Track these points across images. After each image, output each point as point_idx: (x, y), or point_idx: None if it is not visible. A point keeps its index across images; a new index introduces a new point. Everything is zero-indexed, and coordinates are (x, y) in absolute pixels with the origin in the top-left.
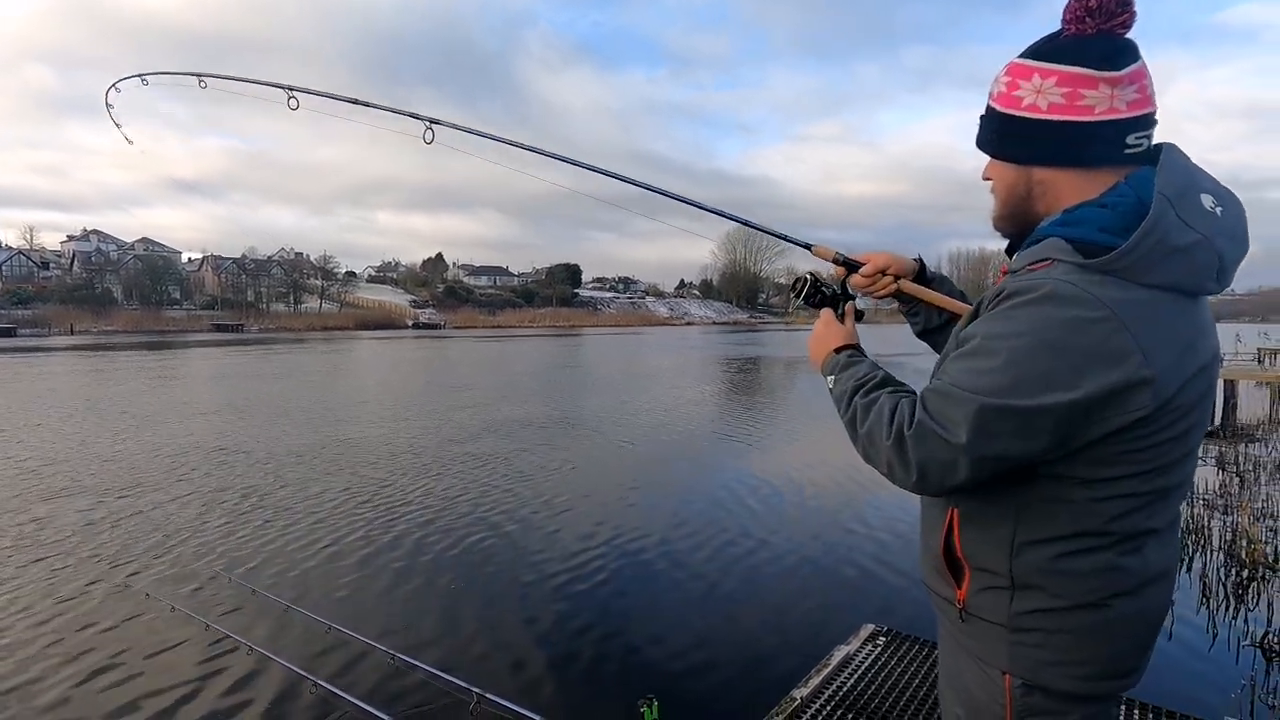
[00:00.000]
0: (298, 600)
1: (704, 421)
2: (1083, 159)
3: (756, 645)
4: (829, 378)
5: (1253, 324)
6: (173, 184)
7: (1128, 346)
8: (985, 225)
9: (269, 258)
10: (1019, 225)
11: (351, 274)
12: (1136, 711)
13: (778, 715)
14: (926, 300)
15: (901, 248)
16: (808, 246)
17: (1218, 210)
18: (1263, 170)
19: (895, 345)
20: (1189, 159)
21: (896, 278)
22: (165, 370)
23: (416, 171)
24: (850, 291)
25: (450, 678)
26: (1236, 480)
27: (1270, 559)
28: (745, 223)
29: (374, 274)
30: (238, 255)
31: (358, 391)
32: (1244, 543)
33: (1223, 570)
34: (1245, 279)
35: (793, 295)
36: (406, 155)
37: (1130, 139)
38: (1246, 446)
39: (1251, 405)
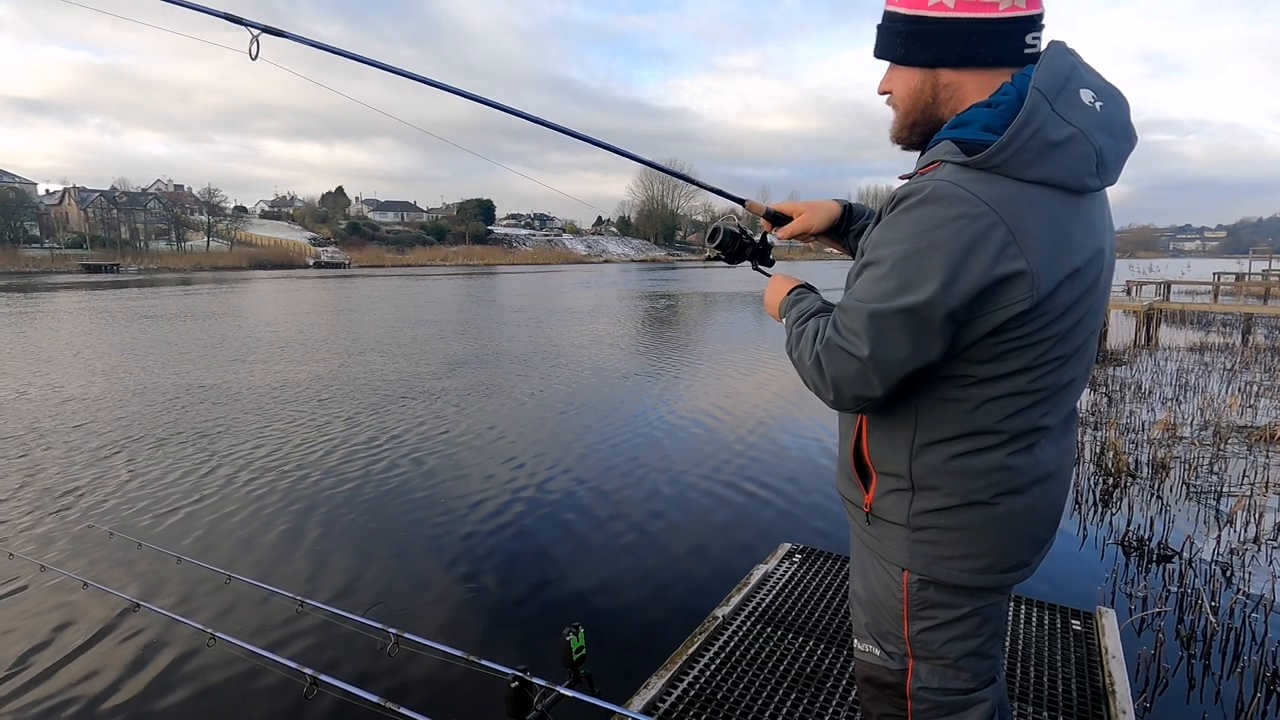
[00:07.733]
0: (191, 551)
1: (623, 357)
2: (989, 57)
3: (681, 570)
4: (783, 320)
5: (1123, 259)
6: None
7: (1005, 240)
8: (898, 163)
9: (143, 190)
10: (924, 133)
11: (242, 209)
12: (1023, 607)
13: (700, 634)
14: (842, 253)
15: (817, 184)
16: (741, 202)
17: (1097, 105)
18: (1148, 113)
19: (817, 282)
20: (1075, 55)
21: (816, 235)
22: (30, 313)
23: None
24: (770, 241)
25: (364, 619)
26: (1105, 400)
27: (1131, 468)
28: (681, 176)
29: (267, 209)
30: (105, 187)
31: (252, 333)
32: (1111, 454)
33: (1093, 479)
34: (1118, 218)
35: (709, 244)
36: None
37: (1029, 38)
38: (1115, 370)
39: (1120, 333)
